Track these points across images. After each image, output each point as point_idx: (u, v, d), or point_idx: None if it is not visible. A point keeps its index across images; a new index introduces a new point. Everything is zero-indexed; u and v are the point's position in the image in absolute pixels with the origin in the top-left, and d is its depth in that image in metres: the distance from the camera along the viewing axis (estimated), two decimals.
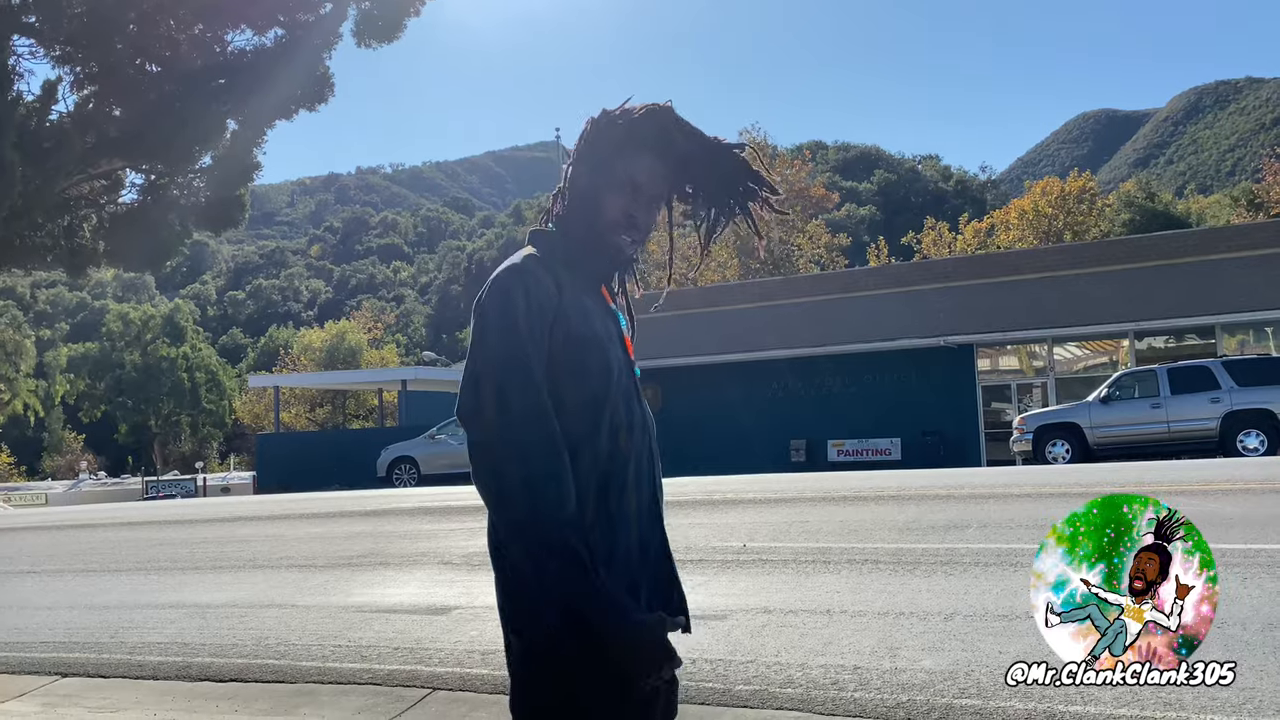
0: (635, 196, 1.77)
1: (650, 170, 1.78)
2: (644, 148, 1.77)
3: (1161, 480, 10.64)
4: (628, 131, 1.78)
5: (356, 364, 61.35)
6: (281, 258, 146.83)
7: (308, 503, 15.85)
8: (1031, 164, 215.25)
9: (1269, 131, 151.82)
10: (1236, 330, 25.39)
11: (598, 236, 1.79)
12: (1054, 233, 49.76)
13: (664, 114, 1.79)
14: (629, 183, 1.77)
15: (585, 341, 1.68)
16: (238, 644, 6.33)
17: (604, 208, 1.77)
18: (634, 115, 1.79)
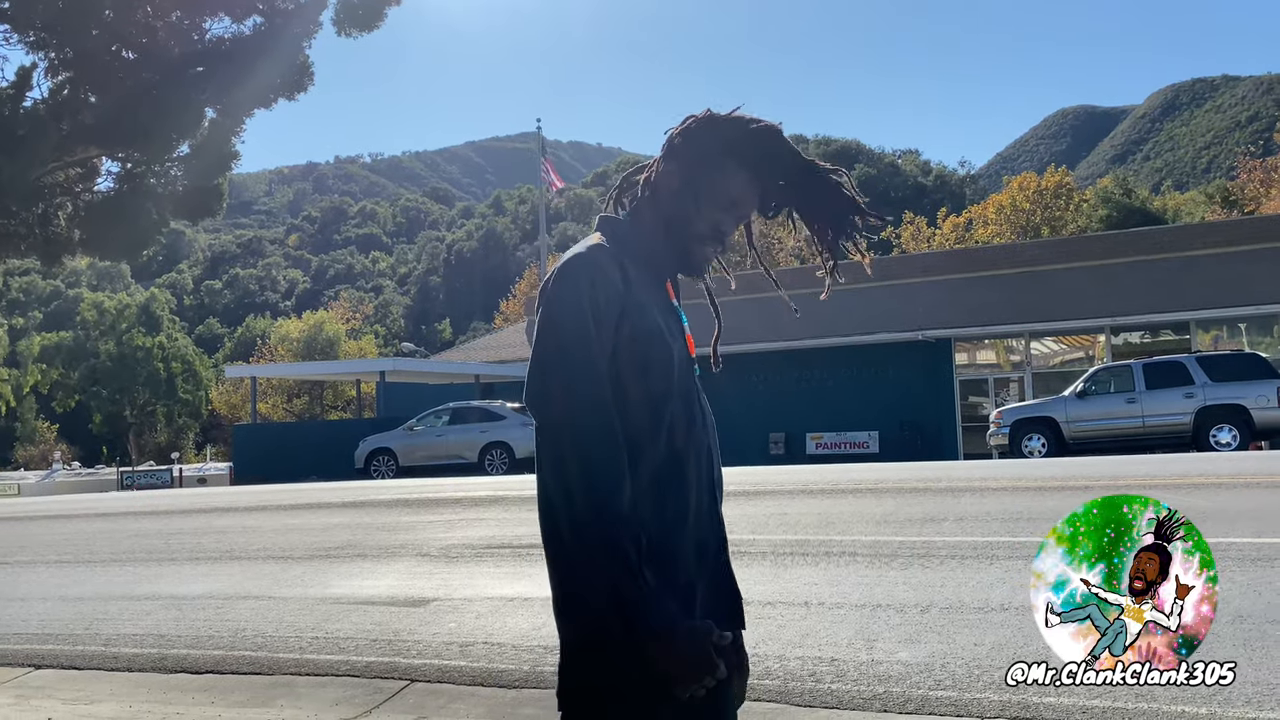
0: (729, 213, 1.75)
1: (750, 189, 1.74)
2: (748, 165, 1.72)
3: (1136, 474, 10.74)
4: (735, 144, 1.72)
5: (334, 355, 61.03)
6: (259, 247, 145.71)
7: (285, 494, 15.77)
8: (1010, 160, 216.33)
9: (1244, 129, 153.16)
10: (1210, 326, 25.67)
11: (682, 244, 1.75)
12: (1031, 228, 50.11)
13: (773, 134, 1.74)
14: (727, 198, 1.73)
15: (649, 337, 1.65)
16: (214, 636, 6.30)
17: (695, 218, 1.74)
18: (746, 128, 1.73)
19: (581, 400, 1.57)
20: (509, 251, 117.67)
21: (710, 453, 1.75)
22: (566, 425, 1.56)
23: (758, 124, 1.74)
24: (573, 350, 1.59)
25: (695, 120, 1.76)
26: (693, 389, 1.73)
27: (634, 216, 1.78)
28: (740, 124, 1.73)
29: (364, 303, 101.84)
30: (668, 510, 1.64)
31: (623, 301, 1.63)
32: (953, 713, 4.15)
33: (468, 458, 22.86)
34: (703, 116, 1.76)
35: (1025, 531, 7.53)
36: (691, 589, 1.66)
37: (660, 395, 1.65)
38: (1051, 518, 7.85)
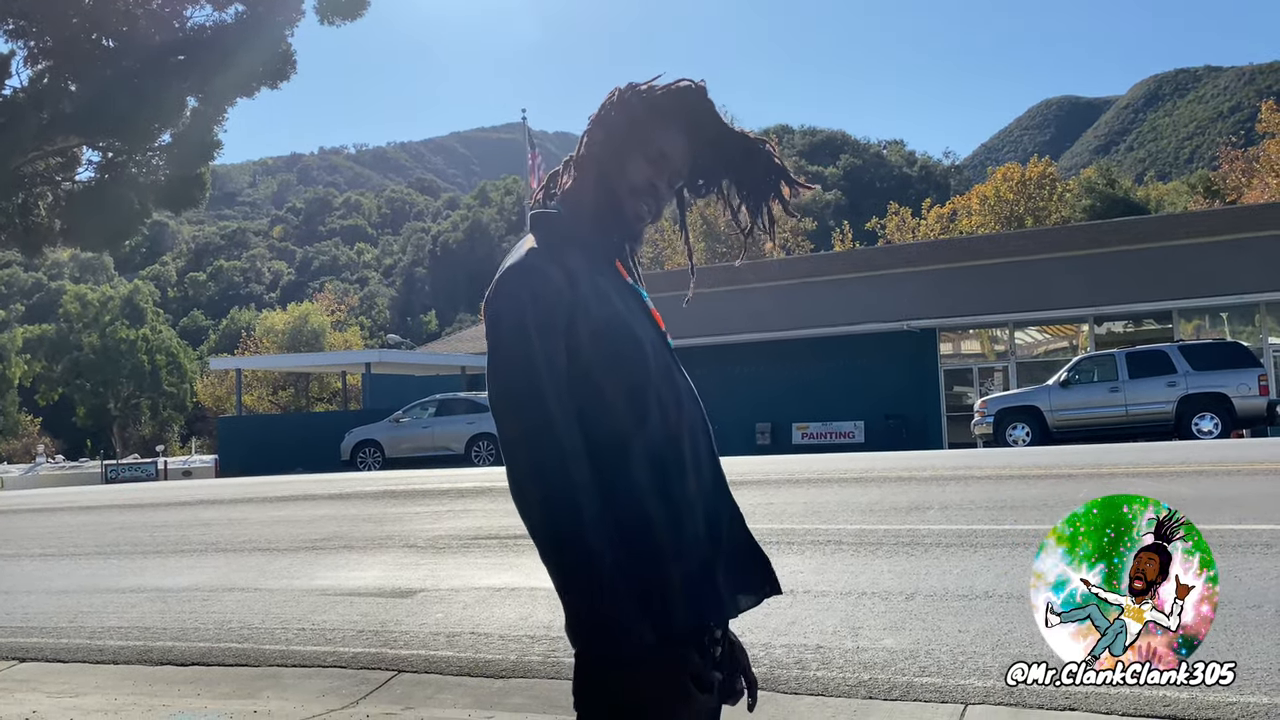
0: (660, 166, 1.70)
1: (678, 145, 1.70)
2: (673, 123, 1.70)
3: (1119, 463, 10.82)
4: (659, 104, 1.70)
5: (320, 346, 60.78)
6: (243, 239, 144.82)
7: (271, 486, 15.72)
8: (995, 150, 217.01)
9: (1226, 120, 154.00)
10: (1193, 315, 25.82)
11: (617, 203, 1.70)
12: (1016, 218, 50.28)
13: (697, 94, 1.72)
14: (657, 150, 1.69)
15: (613, 328, 1.61)
16: (200, 628, 6.29)
17: (627, 171, 1.69)
18: (669, 89, 1.72)
19: (528, 425, 1.52)
20: (495, 243, 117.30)
21: (705, 425, 1.72)
22: (520, 447, 1.52)
23: (682, 82, 1.73)
24: (515, 373, 1.55)
25: (618, 91, 1.74)
26: (671, 365, 1.69)
27: (568, 200, 1.75)
28: (662, 85, 1.73)
29: (349, 294, 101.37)
30: (673, 493, 1.60)
31: (571, 303, 1.58)
32: (937, 699, 4.18)
33: (454, 449, 22.82)
34: (625, 87, 1.75)
35: (1009, 520, 7.58)
36: (711, 568, 1.62)
37: (640, 383, 1.61)
38: (1036, 506, 7.93)
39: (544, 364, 1.54)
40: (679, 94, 1.71)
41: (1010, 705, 4.04)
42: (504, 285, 1.61)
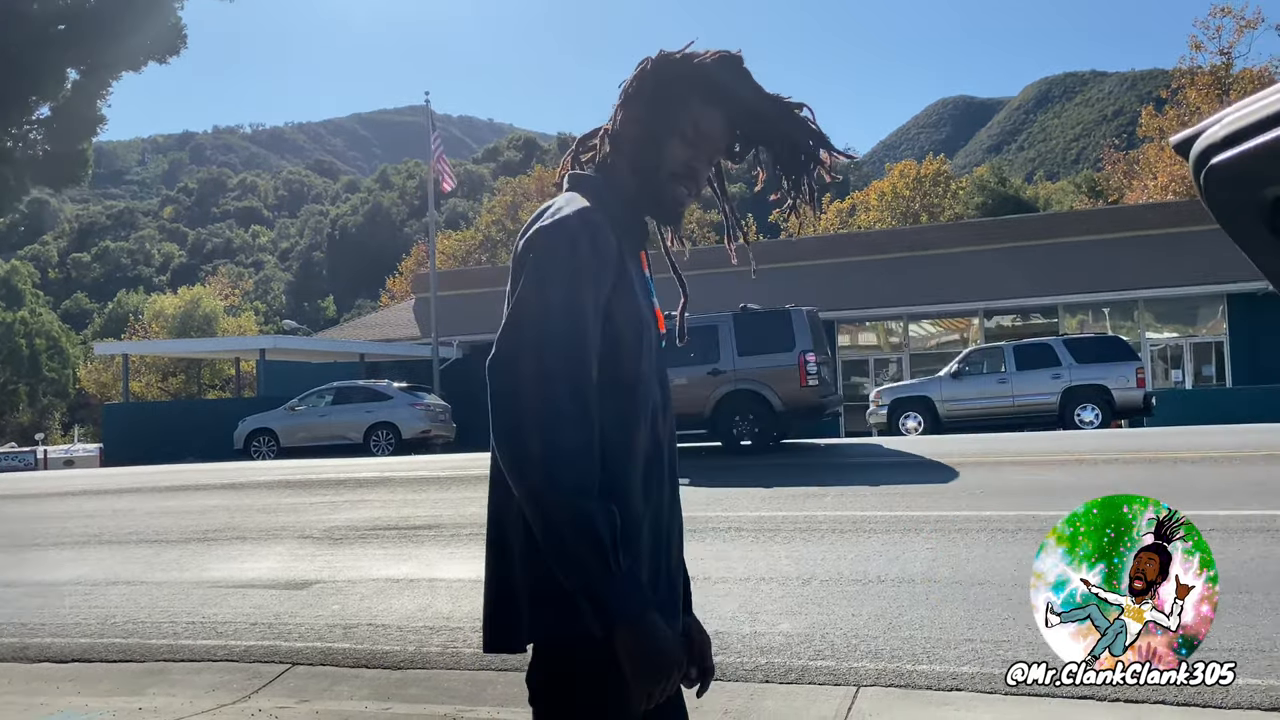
0: (699, 146, 1.63)
1: (717, 120, 1.63)
2: (712, 94, 1.61)
3: (1005, 451, 11.23)
4: (695, 75, 1.61)
5: (212, 332, 58.85)
6: (131, 219, 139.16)
7: (160, 475, 15.18)
8: (893, 147, 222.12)
9: (1110, 123, 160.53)
10: (1077, 310, 26.90)
11: (655, 188, 1.63)
12: (912, 214, 51.58)
13: (734, 62, 1.63)
14: (694, 130, 1.62)
15: (632, 316, 1.54)
16: (82, 623, 6.05)
17: (664, 156, 1.61)
18: (705, 60, 1.62)
19: (561, 374, 1.42)
20: (396, 228, 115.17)
21: (674, 436, 1.67)
22: (533, 398, 1.40)
23: (719, 53, 1.64)
24: (562, 316, 1.44)
25: (650, 62, 1.65)
26: (663, 369, 1.65)
27: (605, 174, 1.66)
28: (698, 55, 1.64)
29: (243, 278, 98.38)
30: (651, 499, 1.55)
31: (619, 271, 1.52)
32: (831, 681, 4.29)
33: (352, 438, 22.38)
34: (657, 57, 1.65)
35: (901, 506, 7.81)
36: (657, 576, 1.58)
37: (638, 378, 1.54)
38: (924, 493, 8.16)
39: (592, 319, 1.47)
40: (716, 65, 1.62)
41: (900, 687, 4.17)
42: (566, 227, 1.50)
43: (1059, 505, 7.44)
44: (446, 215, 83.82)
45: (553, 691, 1.52)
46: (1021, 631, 4.63)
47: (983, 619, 4.85)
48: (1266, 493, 7.46)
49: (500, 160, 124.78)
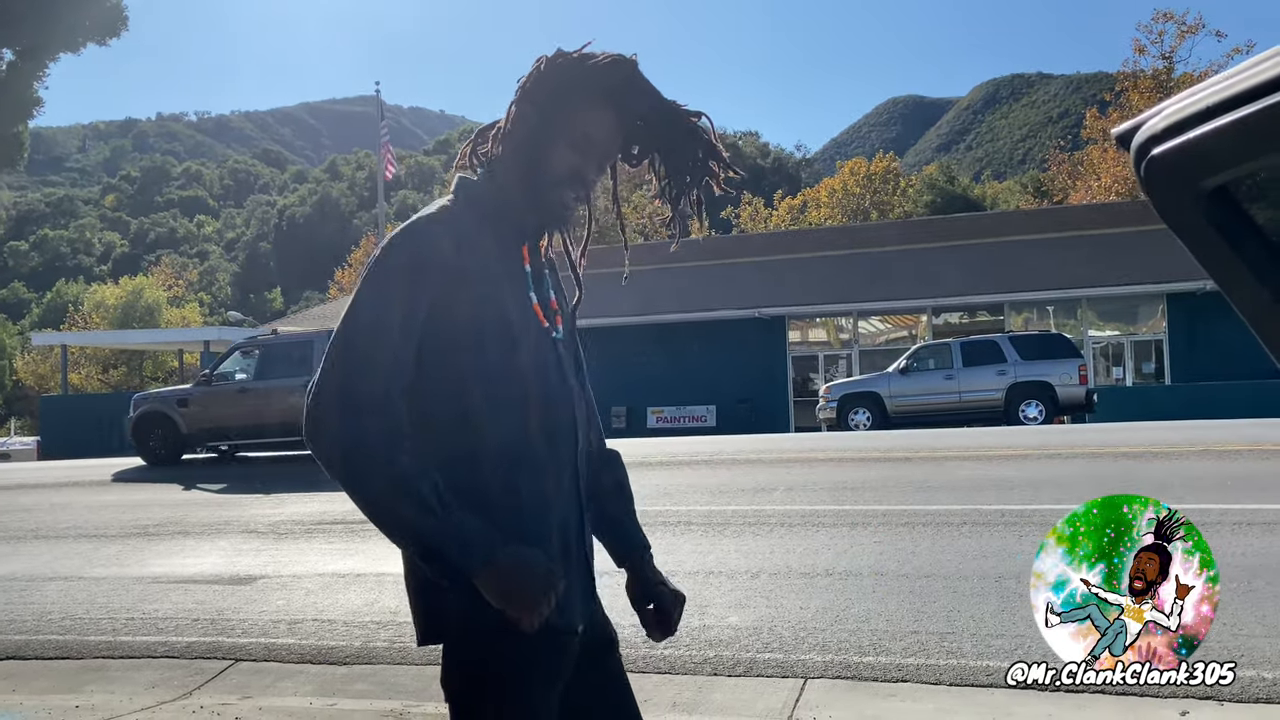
0: (587, 152, 1.63)
1: (606, 126, 1.62)
2: (602, 100, 1.61)
3: (951, 446, 11.38)
4: (587, 79, 1.60)
5: (155, 323, 57.71)
6: (71, 207, 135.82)
7: (99, 469, 14.84)
8: (844, 145, 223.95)
9: (1055, 125, 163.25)
10: (1022, 308, 27.35)
11: (538, 193, 1.63)
12: (862, 211, 52.10)
13: (627, 66, 1.62)
14: (582, 136, 1.61)
15: (483, 311, 1.55)
16: (16, 620, 5.90)
17: (551, 161, 1.61)
18: (597, 62, 1.61)
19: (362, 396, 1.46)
20: (345, 219, 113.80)
21: (574, 428, 1.66)
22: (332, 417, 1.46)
23: (612, 56, 1.63)
24: (367, 334, 1.50)
25: (546, 60, 1.64)
26: (552, 364, 1.64)
27: (489, 172, 1.67)
28: (592, 57, 1.62)
29: (188, 269, 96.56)
30: (523, 493, 1.56)
31: (454, 269, 1.53)
32: (779, 674, 4.31)
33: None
34: (554, 55, 1.64)
35: (849, 500, 7.88)
36: (568, 554, 1.63)
37: (498, 370, 1.55)
38: (873, 487, 8.22)
39: (400, 335, 1.50)
40: (608, 69, 1.61)
41: (847, 679, 4.21)
42: (391, 242, 1.56)
43: (1005, 499, 7.57)
44: (396, 207, 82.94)
45: (461, 683, 1.56)
46: (966, 623, 4.69)
47: (929, 611, 4.91)
48: (1203, 487, 7.65)
49: (451, 152, 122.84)
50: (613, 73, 1.61)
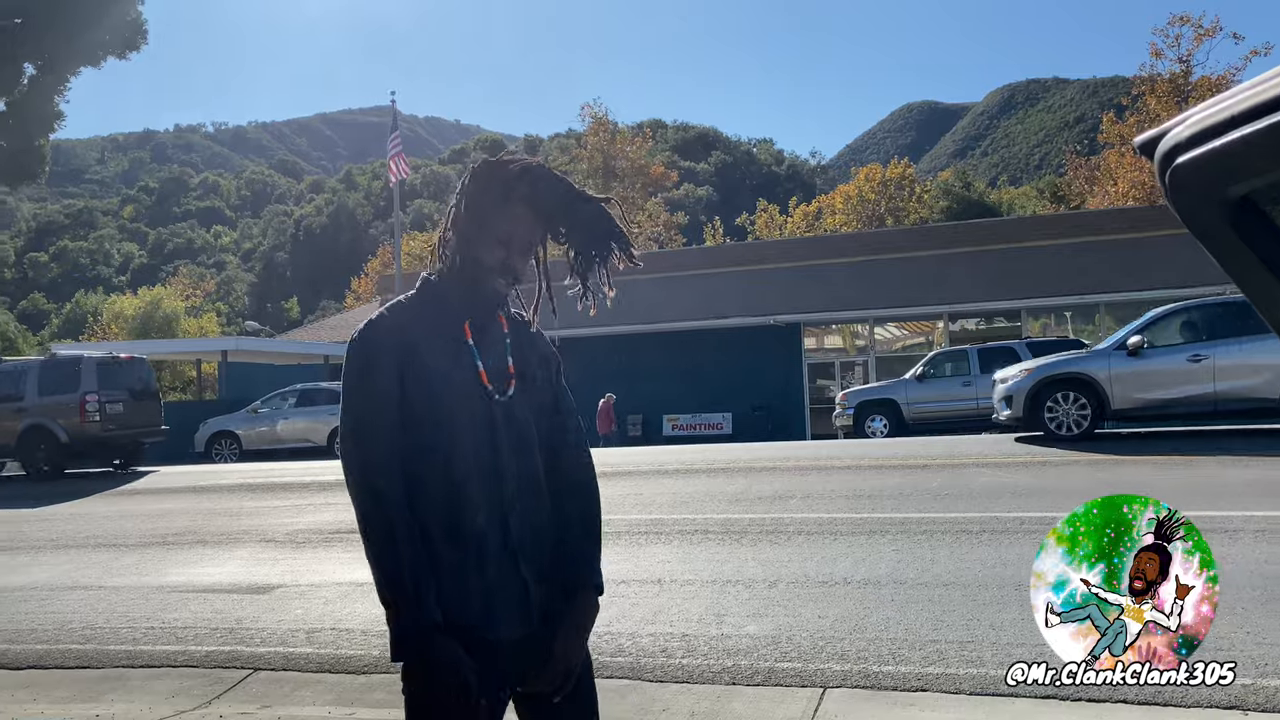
0: (510, 246, 1.93)
1: (524, 222, 1.93)
2: (519, 201, 1.91)
3: (971, 453, 11.32)
4: (505, 185, 1.92)
5: (173, 333, 58.08)
6: (90, 218, 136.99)
7: (116, 478, 14.94)
8: (859, 151, 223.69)
9: (1072, 129, 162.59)
10: (1040, 314, 27.22)
11: (474, 281, 1.95)
12: (877, 217, 51.97)
13: (537, 170, 1.94)
14: (505, 235, 1.92)
15: (425, 377, 1.88)
16: (36, 629, 5.94)
17: (482, 256, 1.93)
18: (511, 170, 1.94)
19: (354, 464, 1.86)
20: (361, 228, 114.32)
21: (519, 472, 1.93)
22: (349, 457, 1.87)
23: (523, 164, 1.95)
24: (355, 418, 1.88)
25: (473, 170, 1.98)
26: (496, 418, 1.92)
27: (445, 267, 2.00)
28: (507, 164, 1.95)
29: (205, 279, 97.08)
30: (460, 524, 1.87)
31: (398, 347, 1.89)
32: (798, 683, 4.29)
33: (315, 441, 22.16)
34: (480, 164, 1.98)
35: (867, 508, 7.84)
36: (468, 598, 1.86)
37: (441, 426, 1.87)
38: (892, 495, 8.16)
39: (361, 394, 1.88)
40: (519, 175, 1.93)
41: (866, 688, 4.18)
42: (353, 344, 1.93)
43: (1023, 507, 7.52)
44: (412, 216, 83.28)
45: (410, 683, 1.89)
46: (986, 632, 4.66)
47: (948, 620, 4.88)
48: (1227, 494, 7.58)
49: (466, 161, 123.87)
50: (523, 178, 1.92)
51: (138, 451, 17.52)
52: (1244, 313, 12.06)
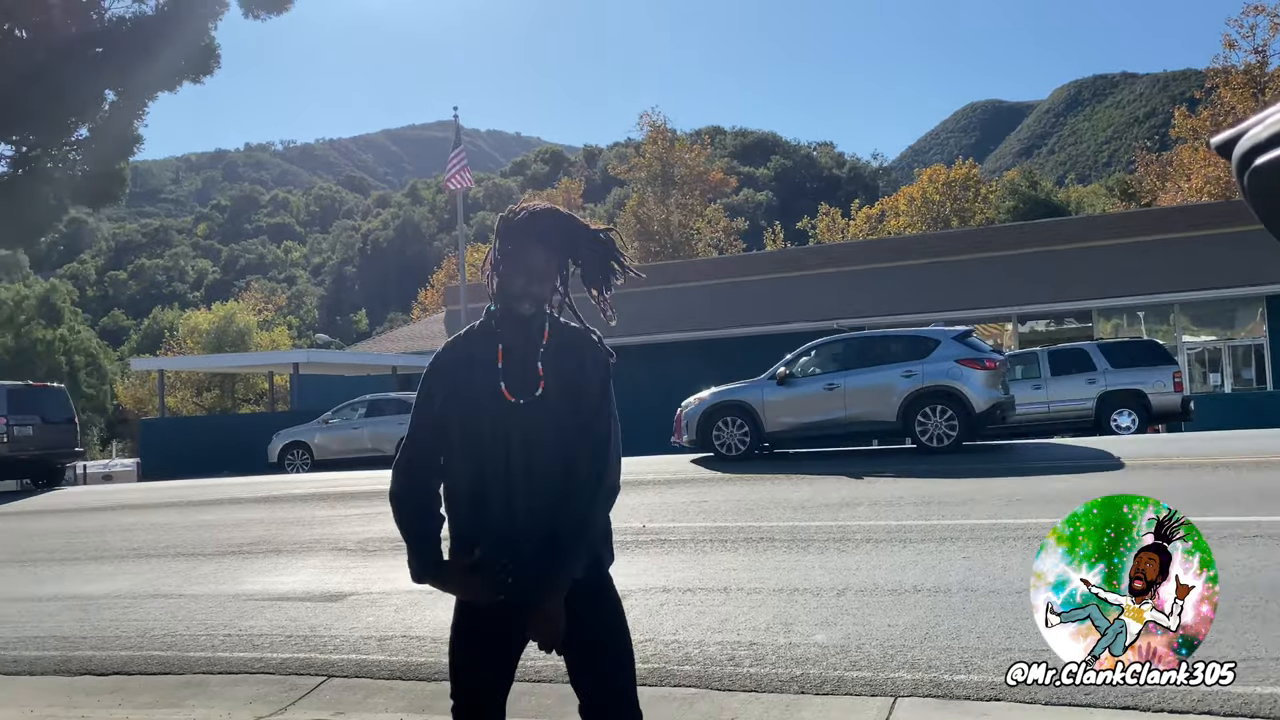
0: (530, 276, 2.41)
1: (539, 256, 2.41)
2: (535, 239, 2.41)
3: (1039, 460, 11.10)
4: (522, 229, 2.43)
5: (246, 346, 59.45)
6: (166, 236, 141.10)
7: (195, 489, 15.35)
8: (921, 153, 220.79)
9: (1142, 125, 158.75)
10: (1111, 314, 26.61)
11: (508, 307, 2.45)
12: (942, 219, 51.25)
13: (548, 214, 2.44)
14: (524, 267, 2.41)
15: (456, 394, 2.43)
16: (121, 636, 6.12)
17: (509, 286, 2.43)
18: (522, 218, 2.44)
19: (401, 464, 2.54)
20: (426, 241, 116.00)
21: (528, 473, 2.38)
22: (401, 455, 2.54)
23: (532, 208, 2.46)
24: (415, 414, 2.53)
25: (500, 219, 2.49)
26: (513, 428, 2.38)
27: (491, 297, 2.52)
28: (520, 214, 2.46)
29: (276, 293, 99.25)
30: (478, 516, 2.42)
31: (448, 370, 2.47)
32: (868, 692, 4.25)
33: (385, 450, 22.50)
34: (504, 214, 2.49)
35: (936, 515, 7.73)
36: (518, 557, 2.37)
37: (465, 434, 2.42)
38: (961, 501, 8.03)
39: (424, 403, 2.50)
40: (533, 218, 2.43)
41: (939, 697, 4.12)
42: (428, 368, 2.52)
43: None
44: (476, 228, 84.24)
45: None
46: None
47: (1021, 628, 4.78)
48: None
49: (528, 173, 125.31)
50: (537, 220, 2.43)
51: (55, 472, 20.49)
52: (871, 346, 14.39)
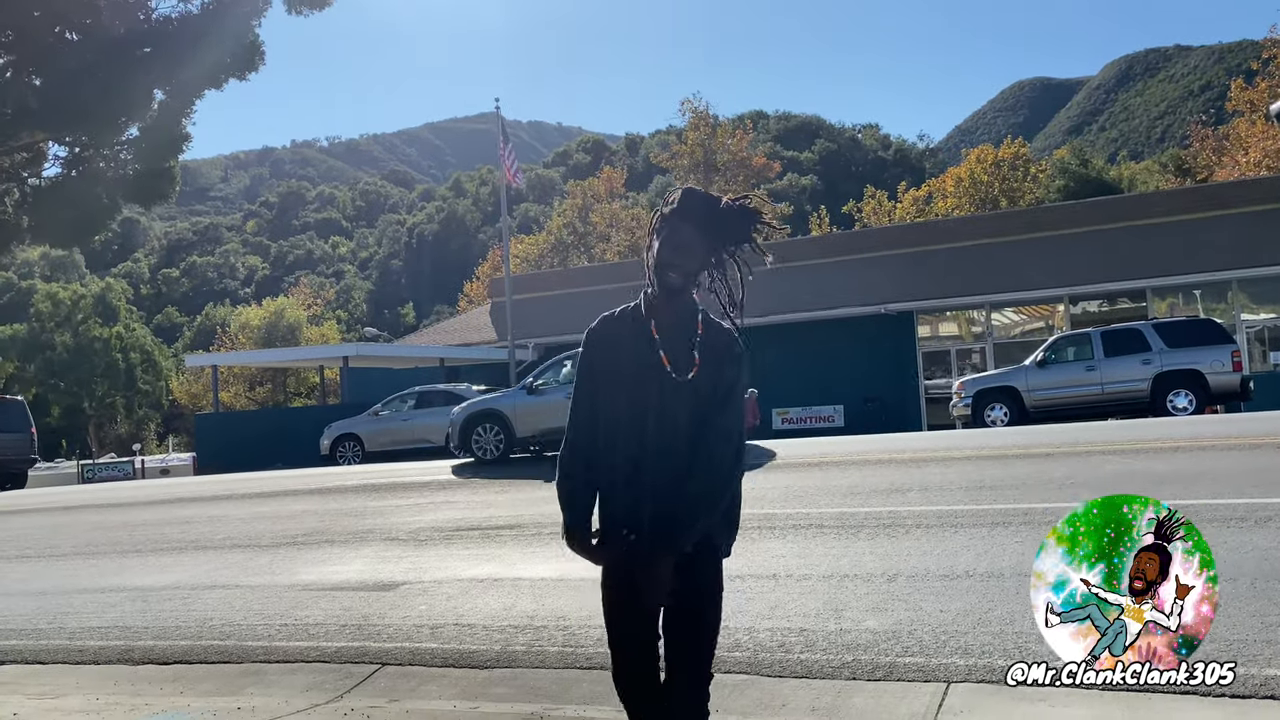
0: (676, 246, 2.69)
1: (687, 232, 2.69)
2: (683, 219, 2.70)
3: (1096, 440, 10.92)
4: (674, 212, 2.72)
5: (296, 341, 60.37)
6: (216, 234, 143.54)
7: (250, 482, 15.62)
8: (969, 132, 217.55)
9: (1196, 99, 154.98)
10: (1166, 293, 26.06)
11: (661, 282, 2.72)
12: (990, 200, 50.48)
13: (692, 195, 2.75)
14: (672, 238, 2.70)
15: (606, 368, 2.72)
16: (181, 626, 6.25)
17: (659, 254, 2.71)
18: (675, 201, 2.73)
19: (569, 435, 2.78)
20: (471, 234, 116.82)
21: (663, 449, 2.64)
22: (567, 430, 2.79)
23: (677, 193, 2.76)
24: (575, 389, 2.81)
25: (656, 208, 2.79)
26: (654, 404, 2.66)
27: (648, 280, 2.79)
28: (670, 199, 2.75)
29: (325, 288, 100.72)
30: (616, 481, 2.69)
31: (603, 344, 2.74)
32: (921, 678, 4.21)
33: (434, 441, 22.69)
34: (662, 202, 2.79)
35: (988, 499, 7.64)
36: (637, 522, 2.64)
37: (611, 405, 2.69)
38: (1014, 485, 7.93)
39: (585, 374, 2.77)
40: (681, 199, 2.73)
41: (992, 683, 4.08)
42: (586, 337, 2.79)
43: (1154, 494, 7.20)
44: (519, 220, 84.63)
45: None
46: None
47: None
48: None
49: (570, 163, 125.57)
50: (684, 200, 2.73)
51: (15, 476, 22.19)
52: None
